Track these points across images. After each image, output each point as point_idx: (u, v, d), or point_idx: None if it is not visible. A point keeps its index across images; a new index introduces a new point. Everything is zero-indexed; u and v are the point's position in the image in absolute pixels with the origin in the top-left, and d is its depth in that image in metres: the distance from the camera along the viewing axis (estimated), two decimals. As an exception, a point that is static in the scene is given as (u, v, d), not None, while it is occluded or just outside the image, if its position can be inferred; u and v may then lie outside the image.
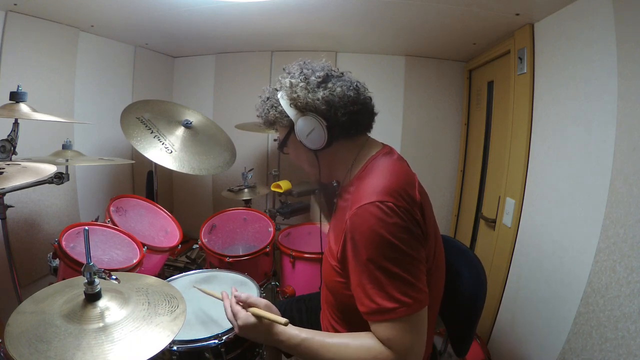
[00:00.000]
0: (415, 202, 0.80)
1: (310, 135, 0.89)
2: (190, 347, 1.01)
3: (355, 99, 0.90)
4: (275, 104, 0.94)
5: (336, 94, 0.88)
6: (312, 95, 0.88)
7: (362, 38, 2.22)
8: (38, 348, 0.71)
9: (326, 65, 0.95)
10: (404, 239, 0.76)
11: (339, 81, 0.91)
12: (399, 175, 0.85)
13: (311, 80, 0.90)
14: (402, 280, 0.75)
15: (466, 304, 1.08)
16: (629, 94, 1.04)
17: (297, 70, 0.94)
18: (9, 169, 1.01)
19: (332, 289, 0.93)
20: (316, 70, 0.92)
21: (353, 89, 0.91)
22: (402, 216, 0.76)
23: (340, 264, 0.86)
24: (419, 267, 0.78)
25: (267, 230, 1.92)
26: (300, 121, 0.89)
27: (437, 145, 2.54)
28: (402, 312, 0.74)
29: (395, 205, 0.76)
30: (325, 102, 0.87)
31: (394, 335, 0.75)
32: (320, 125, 0.87)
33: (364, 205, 0.77)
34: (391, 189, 0.79)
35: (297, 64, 0.96)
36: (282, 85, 0.94)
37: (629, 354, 0.95)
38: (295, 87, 0.90)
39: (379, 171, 0.86)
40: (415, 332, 0.76)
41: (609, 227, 1.08)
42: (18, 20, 1.64)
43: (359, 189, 0.84)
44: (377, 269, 0.75)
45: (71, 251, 1.30)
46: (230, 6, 1.69)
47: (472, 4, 1.49)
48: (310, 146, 0.91)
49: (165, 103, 2.31)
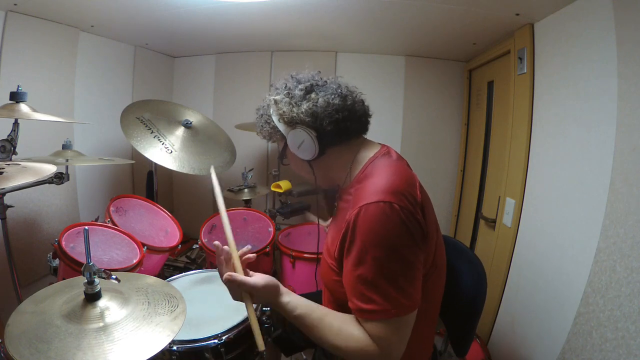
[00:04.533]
0: (417, 202, 0.80)
1: (302, 146, 0.91)
2: (190, 347, 1.01)
3: (340, 106, 0.90)
4: (268, 120, 0.96)
5: (319, 104, 0.89)
6: (297, 109, 0.90)
7: (362, 38, 2.22)
8: (38, 348, 0.71)
9: (312, 76, 0.97)
10: (403, 241, 0.76)
11: (321, 91, 0.92)
12: (400, 175, 0.85)
13: (295, 94, 0.92)
14: (394, 285, 0.76)
15: (466, 304, 1.09)
16: (629, 94, 1.04)
17: (282, 85, 0.96)
18: (9, 169, 1.01)
19: (330, 287, 0.94)
20: (301, 82, 0.94)
21: (338, 96, 0.91)
22: (404, 217, 0.76)
23: (337, 262, 0.86)
24: (415, 272, 0.79)
25: (267, 230, 1.92)
26: (291, 134, 0.91)
27: (437, 145, 2.53)
28: (389, 315, 0.76)
29: (398, 206, 0.76)
30: (310, 114, 0.89)
31: (381, 333, 0.77)
32: (309, 136, 0.89)
33: (365, 205, 0.77)
34: (393, 189, 0.79)
35: (284, 79, 0.98)
36: (269, 102, 0.96)
37: (629, 354, 0.95)
38: (280, 104, 0.92)
39: (380, 171, 0.86)
40: (399, 333, 0.78)
41: (609, 227, 1.08)
42: (18, 20, 1.64)
43: (360, 189, 0.84)
44: (370, 270, 0.76)
45: (71, 251, 1.30)
46: (230, 6, 1.69)
47: (472, 4, 1.49)
48: (303, 157, 0.93)
49: (166, 103, 2.32)
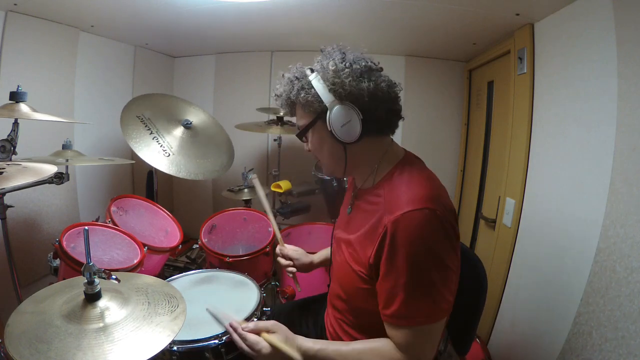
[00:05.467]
0: (452, 211, 0.80)
1: (346, 126, 0.81)
2: (190, 347, 1.01)
3: (395, 96, 0.87)
4: (306, 86, 0.85)
5: (380, 88, 0.83)
6: (357, 84, 0.81)
7: (362, 38, 2.22)
8: (38, 348, 0.71)
9: (365, 56, 0.88)
10: (444, 248, 0.76)
11: (381, 76, 0.86)
12: (435, 182, 0.84)
13: (355, 68, 0.83)
14: (435, 290, 0.75)
15: (466, 304, 1.08)
16: (629, 94, 1.04)
17: (338, 55, 0.85)
18: (9, 169, 1.00)
19: (351, 294, 0.90)
20: (358, 59, 0.85)
21: (394, 87, 0.87)
22: (445, 225, 0.76)
23: (369, 269, 0.82)
24: (452, 277, 0.79)
25: (267, 230, 1.91)
26: (337, 109, 0.81)
27: (437, 145, 2.53)
28: (424, 321, 0.75)
29: (440, 214, 0.75)
30: (370, 94, 0.81)
31: (413, 340, 0.76)
32: (357, 117, 0.81)
33: (409, 212, 0.75)
34: (433, 196, 0.78)
35: (337, 47, 0.88)
36: (323, 67, 0.85)
37: (629, 354, 0.95)
38: (341, 72, 0.82)
39: (416, 177, 0.84)
40: (431, 339, 0.78)
41: (609, 227, 1.08)
42: (18, 20, 1.64)
43: (396, 193, 0.82)
44: (413, 277, 0.75)
45: (72, 251, 1.30)
46: (230, 6, 1.69)
47: (472, 4, 1.49)
48: (343, 138, 0.83)
49: (168, 97, 2.29)
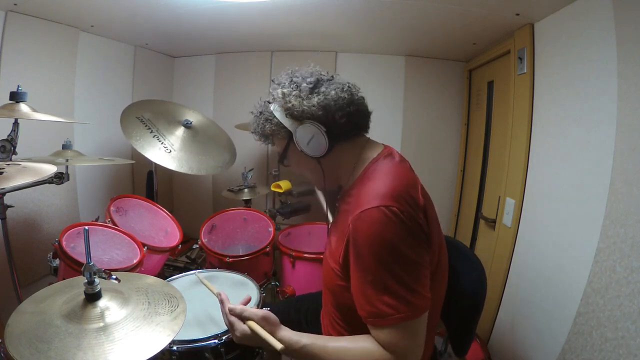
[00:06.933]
0: (419, 206, 0.80)
1: (311, 142, 0.87)
2: (190, 347, 1.01)
3: (350, 100, 0.90)
4: (269, 117, 0.92)
5: (330, 97, 0.87)
6: (307, 102, 0.87)
7: (362, 38, 2.22)
8: (38, 348, 0.71)
9: (315, 71, 0.94)
10: (407, 244, 0.76)
11: (331, 84, 0.90)
12: (402, 178, 0.84)
13: (303, 87, 0.89)
14: (405, 286, 0.75)
15: (466, 304, 1.08)
16: (629, 94, 1.04)
17: (286, 79, 0.93)
18: (9, 169, 1.01)
19: (332, 291, 0.93)
20: (306, 77, 0.91)
21: (346, 91, 0.90)
22: (406, 221, 0.75)
23: (342, 267, 0.85)
24: (423, 272, 0.78)
25: (267, 230, 1.92)
26: (299, 130, 0.88)
27: (437, 145, 2.53)
28: (403, 317, 0.74)
29: (399, 210, 0.75)
30: (321, 107, 0.86)
31: (395, 340, 0.75)
32: (319, 131, 0.86)
33: (367, 210, 0.77)
34: (394, 193, 0.78)
35: (286, 74, 0.95)
36: (274, 96, 0.92)
37: (629, 354, 0.95)
38: (289, 97, 0.88)
39: (381, 174, 0.86)
40: (415, 336, 0.77)
41: (609, 227, 1.08)
42: (18, 20, 1.64)
43: (361, 192, 0.84)
44: (379, 274, 0.75)
45: (72, 251, 1.30)
46: (230, 6, 1.69)
47: (472, 4, 1.49)
48: (312, 154, 0.89)
49: (166, 103, 2.31)
